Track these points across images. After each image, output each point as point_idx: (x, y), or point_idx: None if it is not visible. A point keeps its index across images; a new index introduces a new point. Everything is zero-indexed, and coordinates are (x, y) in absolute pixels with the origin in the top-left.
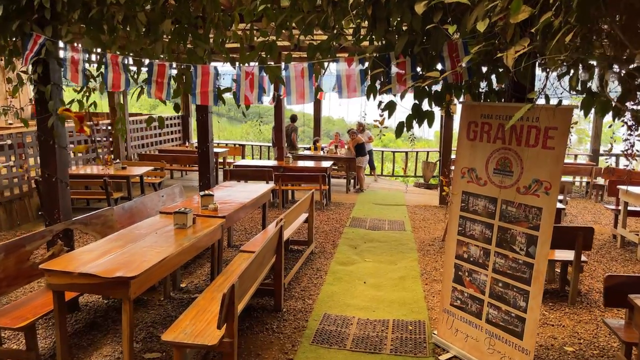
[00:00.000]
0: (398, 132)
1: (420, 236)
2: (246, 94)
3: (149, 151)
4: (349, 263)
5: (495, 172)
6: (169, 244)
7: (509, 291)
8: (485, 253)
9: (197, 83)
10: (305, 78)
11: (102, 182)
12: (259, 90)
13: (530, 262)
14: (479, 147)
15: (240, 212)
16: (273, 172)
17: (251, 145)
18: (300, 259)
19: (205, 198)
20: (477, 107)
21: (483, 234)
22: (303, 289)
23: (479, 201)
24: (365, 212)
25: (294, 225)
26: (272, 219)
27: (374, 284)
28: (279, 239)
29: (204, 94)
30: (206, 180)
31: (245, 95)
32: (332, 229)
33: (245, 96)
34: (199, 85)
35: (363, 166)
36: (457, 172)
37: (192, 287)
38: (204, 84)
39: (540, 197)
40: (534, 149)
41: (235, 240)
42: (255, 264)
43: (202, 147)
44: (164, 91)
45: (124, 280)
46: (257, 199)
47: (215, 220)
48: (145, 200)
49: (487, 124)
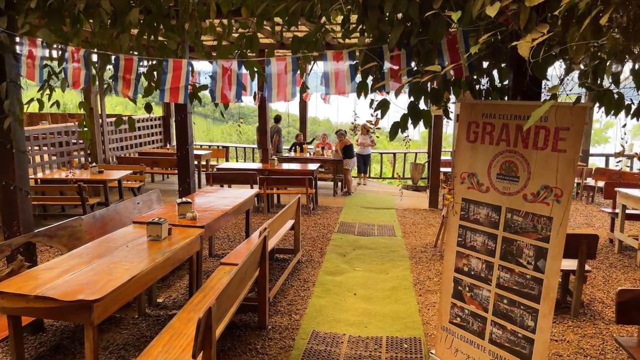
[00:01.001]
0: (392, 133)
1: (411, 242)
2: (224, 91)
3: (129, 154)
4: (337, 273)
5: (498, 177)
6: (141, 259)
7: (515, 309)
8: (488, 266)
9: (167, 79)
10: (289, 74)
11: (77, 188)
12: (237, 87)
13: (539, 277)
14: (480, 149)
15: (222, 221)
16: (257, 175)
17: (235, 147)
18: (286, 269)
19: (183, 206)
20: (478, 106)
21: (485, 246)
22: (289, 303)
23: (480, 209)
24: (354, 217)
25: (279, 233)
26: (257, 225)
27: (364, 296)
28: (262, 251)
29: (173, 91)
30: (186, 185)
31: (222, 93)
32: (319, 235)
33: (222, 94)
34: (169, 81)
35: (350, 168)
36: (456, 177)
37: (169, 303)
38: (174, 80)
39: (550, 206)
40: (542, 151)
41: (217, 249)
42: (235, 281)
43: (181, 149)
44: (132, 88)
45: (85, 304)
46: (239, 206)
47: (194, 231)
48: (119, 208)
49: (490, 124)
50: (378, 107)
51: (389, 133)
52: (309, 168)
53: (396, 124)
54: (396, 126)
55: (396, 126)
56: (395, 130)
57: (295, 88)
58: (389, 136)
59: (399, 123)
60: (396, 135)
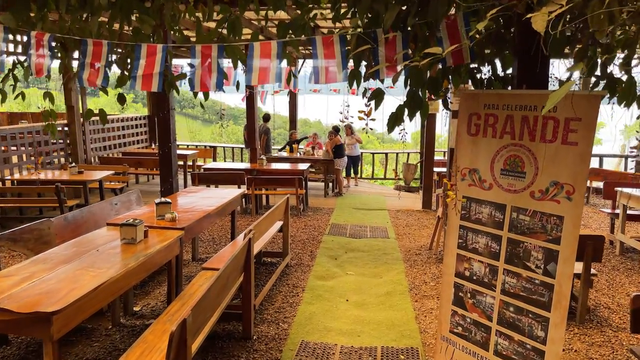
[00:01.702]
0: (390, 125)
1: (405, 244)
2: (203, 80)
3: (112, 154)
4: (329, 277)
5: (503, 173)
6: (111, 265)
7: (522, 317)
8: (492, 270)
9: (140, 65)
10: (273, 57)
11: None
12: (218, 75)
13: (550, 282)
14: (482, 143)
15: (204, 222)
16: (245, 175)
17: (223, 147)
18: (274, 273)
19: (162, 206)
20: (480, 96)
21: (489, 248)
22: (277, 310)
23: (483, 208)
24: (345, 218)
25: (266, 235)
26: (244, 227)
27: (357, 302)
28: (247, 254)
29: (146, 78)
30: (169, 185)
31: (202, 81)
32: (309, 237)
33: (202, 82)
34: (142, 67)
35: (341, 168)
36: (456, 174)
37: (147, 311)
38: (148, 66)
39: (560, 204)
40: (551, 144)
41: (201, 252)
42: (215, 288)
43: (163, 148)
44: (100, 76)
45: (43, 316)
46: (224, 206)
47: (173, 233)
48: (95, 209)
49: (492, 115)
50: (372, 97)
51: (387, 125)
52: (299, 168)
53: (394, 115)
54: (394, 117)
55: (394, 117)
56: (393, 121)
57: (279, 71)
58: (387, 128)
59: (396, 113)
60: (394, 127)
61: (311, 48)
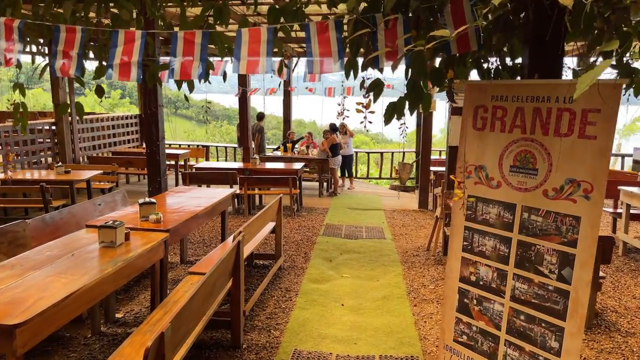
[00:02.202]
0: (387, 116)
1: (402, 245)
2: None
3: (102, 154)
4: (323, 280)
5: (512, 170)
6: (86, 271)
7: (534, 326)
8: (501, 275)
9: (117, 52)
10: (262, 43)
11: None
12: (202, 63)
13: (565, 288)
14: (489, 138)
15: (191, 223)
16: (238, 175)
17: (216, 147)
18: (266, 277)
19: (146, 207)
20: (487, 87)
21: (497, 251)
22: (269, 316)
23: (490, 208)
24: (340, 218)
25: (258, 236)
26: (235, 228)
27: (353, 307)
28: (236, 258)
29: (124, 67)
30: (157, 185)
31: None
32: (303, 238)
33: (182, 70)
34: (119, 55)
35: (336, 167)
36: (461, 171)
37: (130, 318)
38: (125, 54)
39: (577, 203)
40: (567, 138)
41: (190, 254)
42: (200, 296)
43: (151, 146)
44: (73, 65)
45: (6, 330)
46: (213, 206)
47: (157, 235)
48: (76, 210)
49: (501, 108)
50: (371, 88)
51: (383, 116)
52: (293, 167)
53: (392, 104)
54: (392, 107)
55: (392, 107)
56: (391, 112)
57: (269, 61)
58: (384, 120)
59: (396, 104)
60: (392, 119)
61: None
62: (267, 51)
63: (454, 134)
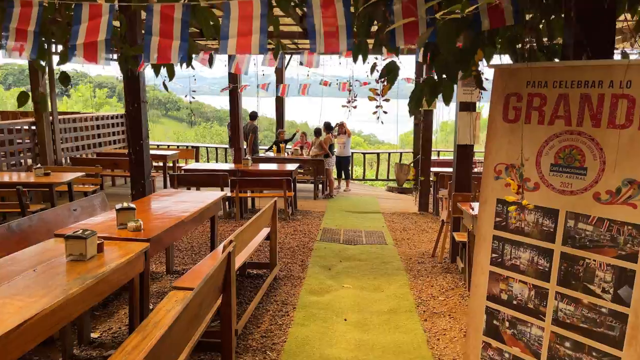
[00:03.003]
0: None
1: (405, 251)
2: (163, 49)
3: (86, 155)
4: (323, 291)
5: (554, 169)
6: (47, 291)
7: (583, 356)
8: (540, 294)
9: (81, 30)
10: (255, 18)
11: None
12: (182, 43)
13: (622, 311)
14: (524, 132)
15: (177, 231)
16: (229, 176)
17: (206, 148)
18: (261, 288)
19: (123, 213)
20: (521, 72)
21: (534, 265)
22: (264, 335)
23: (526, 214)
24: (338, 222)
25: (251, 244)
26: (226, 234)
27: (357, 322)
28: (226, 271)
29: (89, 47)
30: (140, 187)
31: (160, 51)
32: (300, 244)
33: (160, 53)
34: (83, 33)
35: (332, 168)
36: (487, 172)
37: (107, 338)
38: (91, 32)
39: (638, 209)
40: (625, 131)
41: (177, 264)
42: (183, 320)
43: (134, 145)
44: (29, 45)
45: None
46: (201, 211)
47: (136, 245)
48: (48, 217)
49: (539, 95)
50: (385, 73)
51: (408, 105)
52: (287, 168)
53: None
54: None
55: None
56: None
57: (263, 40)
58: (409, 110)
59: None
60: (418, 107)
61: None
62: (261, 28)
63: (463, 132)
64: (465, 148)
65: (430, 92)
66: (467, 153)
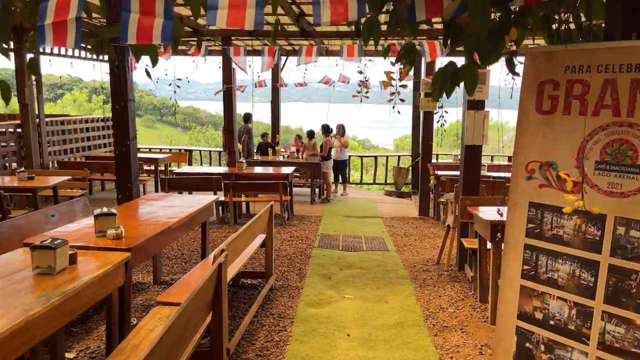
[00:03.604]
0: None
1: (408, 258)
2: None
3: (75, 158)
4: (323, 303)
5: (600, 167)
6: (6, 310)
7: None
8: (583, 313)
9: (48, 8)
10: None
11: None
12: (165, 20)
13: None
14: (562, 124)
15: (163, 239)
16: (222, 180)
17: (199, 151)
18: (256, 300)
19: (103, 219)
20: (559, 55)
21: (576, 279)
22: (259, 353)
23: (565, 220)
24: (336, 228)
25: (246, 252)
26: (219, 241)
27: (361, 337)
28: (217, 284)
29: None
30: (127, 192)
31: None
32: (297, 251)
33: (139, 31)
34: (51, 12)
35: (329, 171)
36: (517, 171)
37: (83, 358)
38: (59, 10)
39: None
40: None
41: (166, 273)
42: (166, 343)
43: (120, 147)
44: None
45: None
46: (192, 216)
47: (115, 256)
48: (21, 223)
49: (580, 82)
50: (402, 54)
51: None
52: (283, 172)
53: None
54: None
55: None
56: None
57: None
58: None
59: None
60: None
61: None
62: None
63: (471, 132)
64: (474, 149)
65: (451, 80)
66: (475, 154)
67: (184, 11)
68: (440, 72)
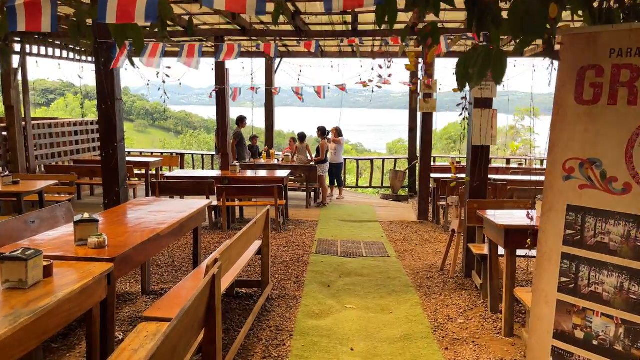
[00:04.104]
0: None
1: (410, 264)
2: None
3: (62, 162)
4: (323, 314)
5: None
6: None
7: None
8: (632, 332)
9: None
10: None
11: None
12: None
13: None
14: (607, 117)
15: (150, 247)
16: (215, 184)
17: (192, 155)
18: (252, 312)
19: (84, 226)
20: (602, 37)
21: (625, 294)
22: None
23: (611, 225)
24: (334, 232)
25: (241, 261)
26: (212, 247)
27: (366, 352)
28: (210, 298)
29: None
30: (114, 196)
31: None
32: (294, 258)
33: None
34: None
35: (325, 174)
36: (553, 170)
37: None
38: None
39: None
40: None
41: (156, 282)
42: None
43: (107, 149)
44: None
45: None
46: (182, 222)
47: (96, 267)
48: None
49: (629, 67)
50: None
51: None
52: (278, 175)
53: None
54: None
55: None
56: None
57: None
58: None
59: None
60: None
61: None
62: None
63: (479, 131)
64: (481, 149)
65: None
66: (483, 155)
67: (176, 10)
68: (479, 52)
